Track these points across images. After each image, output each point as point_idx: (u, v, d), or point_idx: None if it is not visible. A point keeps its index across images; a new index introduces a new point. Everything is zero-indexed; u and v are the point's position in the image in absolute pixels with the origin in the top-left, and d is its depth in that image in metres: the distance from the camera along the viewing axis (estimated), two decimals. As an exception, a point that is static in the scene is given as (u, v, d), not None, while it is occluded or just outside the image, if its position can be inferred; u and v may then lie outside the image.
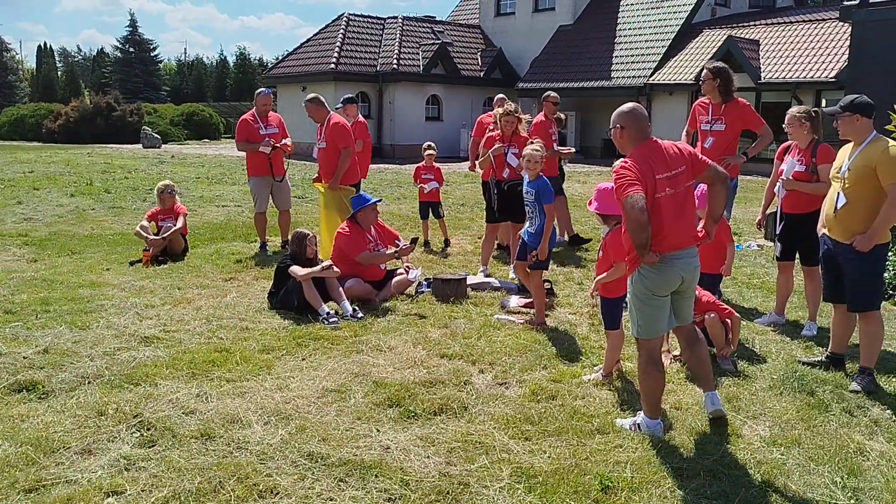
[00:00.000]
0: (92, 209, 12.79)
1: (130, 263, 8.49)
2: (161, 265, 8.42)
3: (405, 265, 7.43)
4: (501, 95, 10.09)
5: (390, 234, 7.52)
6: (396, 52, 29.65)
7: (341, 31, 30.32)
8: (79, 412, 4.31)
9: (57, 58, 79.43)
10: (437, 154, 10.51)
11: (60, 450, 3.85)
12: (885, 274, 6.72)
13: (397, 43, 30.22)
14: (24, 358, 5.18)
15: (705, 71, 7.04)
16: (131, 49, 63.18)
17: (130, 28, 63.62)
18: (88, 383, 4.78)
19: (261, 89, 9.83)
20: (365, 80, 29.43)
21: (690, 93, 25.50)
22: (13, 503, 3.35)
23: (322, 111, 8.44)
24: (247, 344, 5.63)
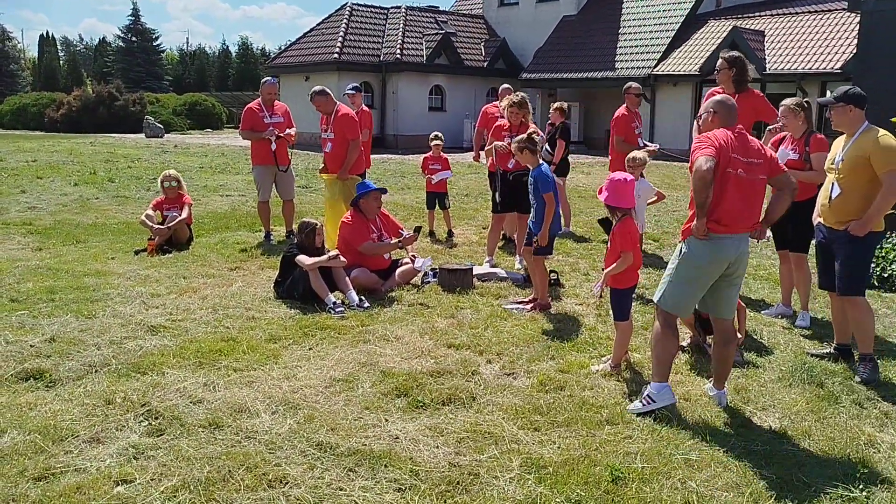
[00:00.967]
0: (96, 198, 12.77)
1: (135, 252, 8.47)
2: (166, 254, 8.40)
3: (411, 255, 7.40)
4: (506, 85, 10.04)
5: (394, 225, 7.50)
6: (400, 42, 29.55)
7: (344, 21, 30.21)
8: (86, 401, 4.30)
9: (59, 47, 79.23)
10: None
11: (69, 438, 3.84)
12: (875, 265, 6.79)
13: (400, 33, 30.11)
14: (31, 346, 5.17)
15: (720, 60, 6.95)
16: (133, 38, 63.05)
17: (133, 17, 63.52)
18: (95, 372, 4.77)
19: (267, 78, 9.80)
20: (368, 70, 29.34)
21: (695, 84, 25.42)
22: (23, 491, 3.34)
23: (331, 103, 8.38)
24: (253, 333, 5.61)
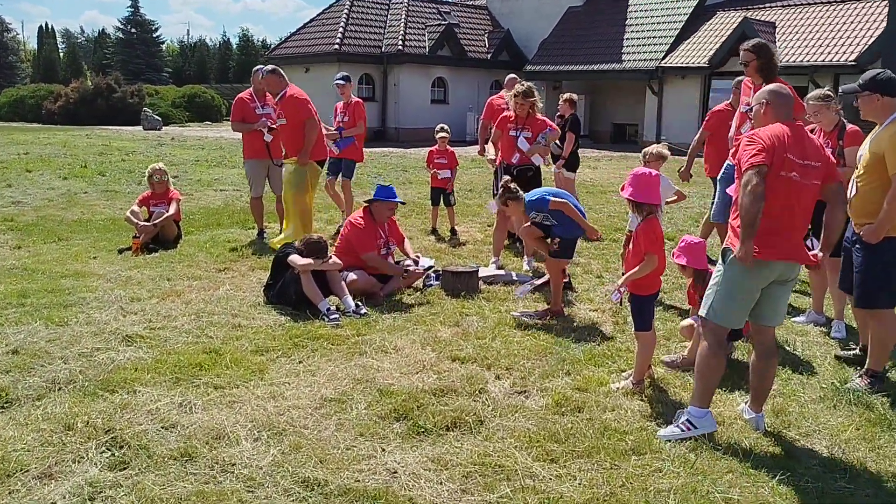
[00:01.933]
0: (84, 192, 12.27)
1: (119, 251, 7.98)
2: (152, 253, 7.91)
3: (413, 255, 6.91)
4: (513, 75, 9.54)
5: (399, 234, 6.97)
6: (402, 33, 28.98)
7: (345, 12, 29.63)
8: (44, 426, 3.80)
9: (59, 39, 78.69)
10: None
11: (17, 473, 3.34)
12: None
13: (402, 23, 29.53)
14: (-9, 359, 4.68)
15: (743, 52, 6.33)
16: (133, 30, 62.48)
17: (132, 9, 62.92)
18: (59, 390, 4.27)
19: (258, 67, 9.27)
20: (369, 62, 28.79)
21: (703, 76, 24.86)
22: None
23: (282, 83, 8.00)
24: (238, 344, 5.11)
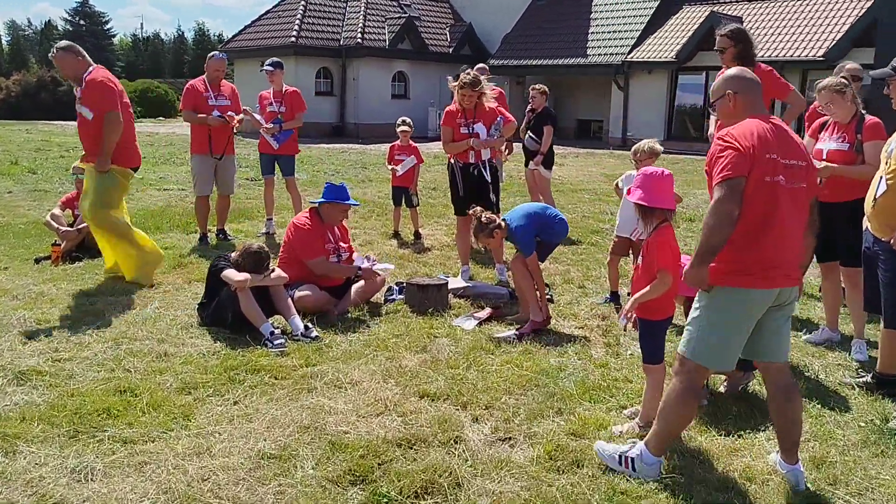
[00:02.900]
0: (8, 192, 11.13)
1: (36, 261, 6.98)
2: (74, 263, 6.93)
3: (365, 255, 6.08)
4: (482, 65, 8.77)
5: (345, 233, 6.14)
6: (361, 26, 27.94)
7: (302, 3, 28.48)
8: None
9: (5, 30, 75.77)
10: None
11: None
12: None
13: (362, 16, 28.49)
14: None
15: (721, 38, 5.64)
16: (81, 21, 60.51)
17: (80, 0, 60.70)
18: (-83, 451, 3.35)
19: (213, 53, 8.33)
20: (327, 55, 27.71)
21: (670, 71, 24.38)
22: None
23: (79, 64, 6.07)
24: (161, 380, 4.21)
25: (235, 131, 8.07)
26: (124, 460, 3.31)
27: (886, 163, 4.25)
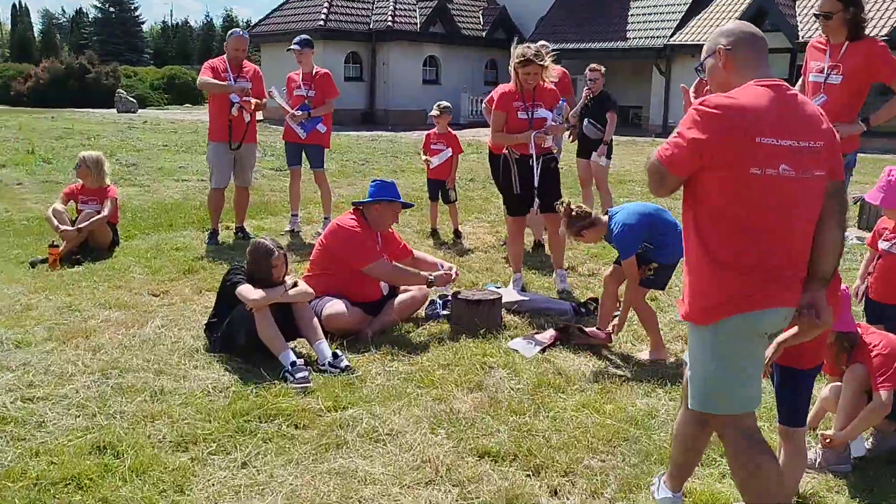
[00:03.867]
0: (18, 183, 10.41)
1: (31, 264, 6.18)
2: (74, 266, 6.13)
3: (436, 260, 5.21)
4: (543, 42, 7.82)
5: (398, 246, 5.15)
6: (391, 9, 27.00)
7: (331, -15, 27.62)
8: None
9: (38, 18, 76.05)
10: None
11: None
12: None
13: (392, -1, 27.58)
14: None
15: (829, 2, 4.68)
16: (111, 8, 60.22)
17: (110, -13, 60.44)
18: None
19: (234, 29, 7.45)
20: (357, 40, 26.84)
21: (717, 54, 23.09)
22: None
23: None
24: (153, 430, 3.35)
25: (251, 118, 7.14)
26: (90, 561, 2.46)
27: None
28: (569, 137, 8.03)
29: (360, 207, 4.91)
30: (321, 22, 25.80)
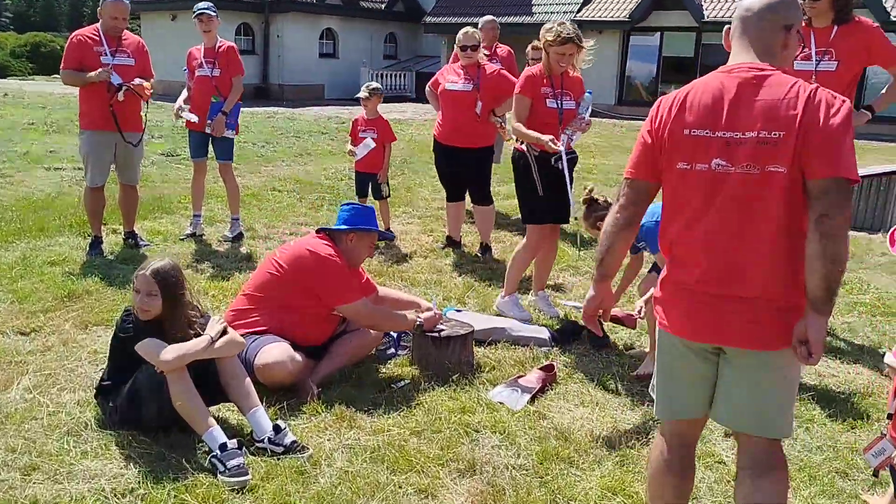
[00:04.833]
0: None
1: None
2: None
3: (413, 298, 4.26)
4: (490, 17, 6.98)
5: (360, 281, 4.09)
6: (284, -23, 25.32)
7: (217, -51, 25.61)
8: None
9: None
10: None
11: None
12: None
13: (285, -34, 25.86)
14: None
15: None
16: (-38, -34, 54.51)
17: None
18: None
19: None
20: (248, 10, 24.96)
21: (623, 31, 22.94)
22: None
23: None
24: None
25: (146, 103, 5.93)
26: None
27: None
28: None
29: (329, 234, 3.90)
30: (208, -11, 23.85)
